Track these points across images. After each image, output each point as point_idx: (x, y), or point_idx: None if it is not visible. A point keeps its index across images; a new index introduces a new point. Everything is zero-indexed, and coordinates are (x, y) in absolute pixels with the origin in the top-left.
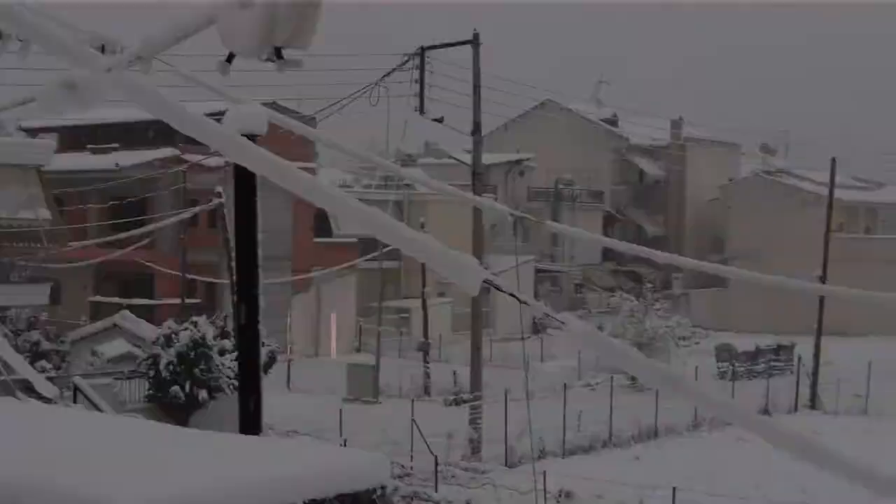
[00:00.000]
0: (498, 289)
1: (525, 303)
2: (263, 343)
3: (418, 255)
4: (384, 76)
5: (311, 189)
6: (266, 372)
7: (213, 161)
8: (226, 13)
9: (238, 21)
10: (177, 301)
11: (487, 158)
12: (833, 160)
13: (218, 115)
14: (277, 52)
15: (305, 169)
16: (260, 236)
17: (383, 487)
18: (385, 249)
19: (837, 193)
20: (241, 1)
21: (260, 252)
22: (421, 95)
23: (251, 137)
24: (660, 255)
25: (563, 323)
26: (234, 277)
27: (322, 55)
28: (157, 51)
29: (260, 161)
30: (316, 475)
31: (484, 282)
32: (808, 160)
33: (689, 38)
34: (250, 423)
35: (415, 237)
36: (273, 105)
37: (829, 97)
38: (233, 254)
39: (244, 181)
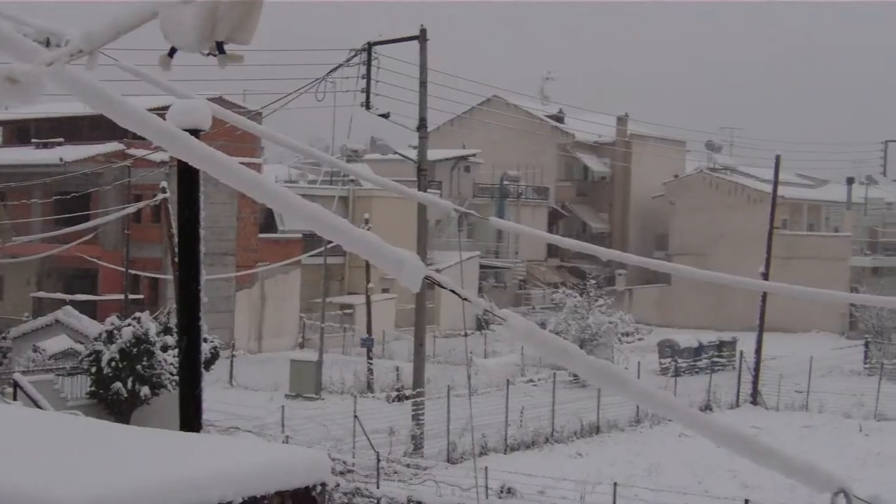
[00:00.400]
0: (439, 285)
1: (466, 299)
2: (206, 339)
3: (360, 252)
4: (330, 71)
5: (254, 185)
6: (209, 368)
7: (157, 156)
8: (168, 7)
9: (180, 16)
10: (120, 297)
11: (433, 154)
12: (777, 157)
13: (164, 110)
14: (219, 48)
15: (251, 164)
16: (203, 232)
17: (323, 484)
18: (329, 245)
19: (781, 190)
20: None
21: (203, 248)
22: (367, 91)
23: (195, 132)
24: (603, 252)
25: (504, 319)
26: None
27: (270, 50)
28: (99, 45)
29: (202, 157)
30: (255, 472)
31: (425, 278)
32: (753, 158)
33: (635, 33)
34: (191, 419)
35: (356, 233)
36: (219, 100)
37: (774, 95)
38: (176, 249)
39: (187, 177)
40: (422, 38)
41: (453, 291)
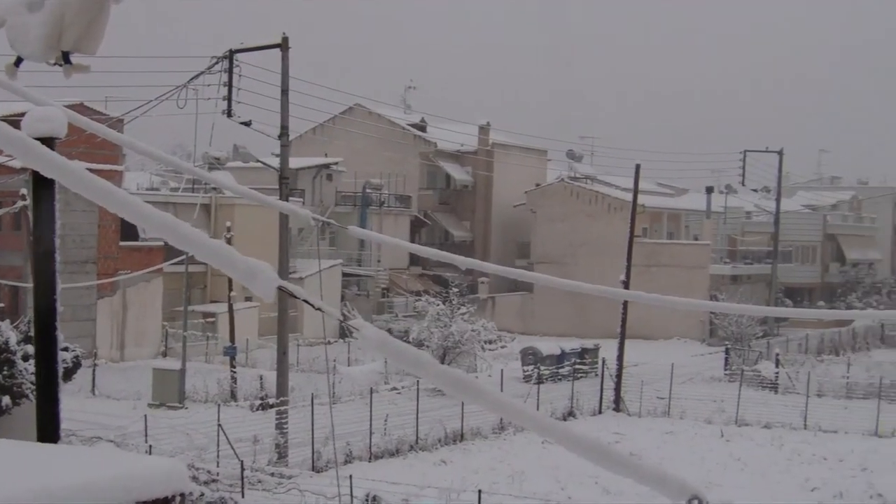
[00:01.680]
0: (292, 295)
1: (319, 309)
2: (66, 348)
3: (213, 262)
4: (192, 79)
5: (106, 195)
6: (70, 377)
7: (17, 162)
8: (14, 16)
9: (26, 25)
10: None
11: (295, 162)
12: (637, 166)
13: (19, 117)
14: (65, 57)
15: (112, 172)
16: (58, 241)
17: (182, 494)
18: (190, 254)
19: (641, 199)
20: (29, 4)
21: (59, 256)
22: (229, 99)
23: (50, 140)
24: (462, 261)
25: (357, 329)
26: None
27: (132, 57)
28: None
29: (53, 166)
30: (111, 483)
31: (279, 288)
32: (613, 167)
33: (496, 44)
34: (48, 430)
35: (209, 244)
36: (80, 106)
37: (634, 107)
38: None
39: (41, 185)
40: (283, 46)
41: (306, 301)
